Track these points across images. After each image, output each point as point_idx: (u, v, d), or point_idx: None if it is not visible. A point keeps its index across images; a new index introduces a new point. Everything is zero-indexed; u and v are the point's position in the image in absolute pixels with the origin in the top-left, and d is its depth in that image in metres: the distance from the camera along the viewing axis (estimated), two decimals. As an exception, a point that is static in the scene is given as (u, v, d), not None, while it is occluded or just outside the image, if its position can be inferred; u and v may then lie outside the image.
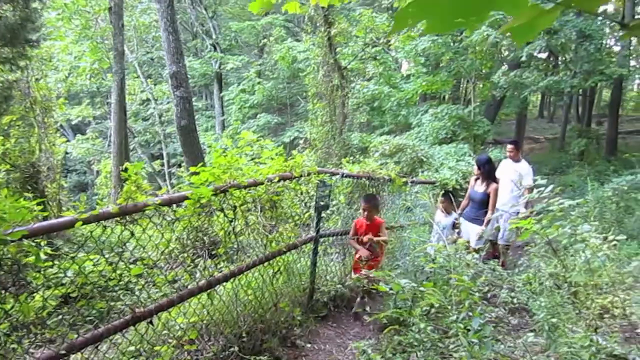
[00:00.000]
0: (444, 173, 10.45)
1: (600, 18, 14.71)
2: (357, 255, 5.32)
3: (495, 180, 6.95)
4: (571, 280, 4.23)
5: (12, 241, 2.13)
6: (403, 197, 7.44)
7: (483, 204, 6.84)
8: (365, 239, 5.18)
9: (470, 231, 6.89)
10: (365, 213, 5.25)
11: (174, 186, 17.73)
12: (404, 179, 7.00)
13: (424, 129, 15.21)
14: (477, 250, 5.80)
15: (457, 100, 20.83)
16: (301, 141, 14.09)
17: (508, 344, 3.92)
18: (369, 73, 17.70)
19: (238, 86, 24.94)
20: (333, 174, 5.68)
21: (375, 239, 5.17)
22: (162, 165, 22.74)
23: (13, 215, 2.13)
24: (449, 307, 3.46)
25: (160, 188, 20.92)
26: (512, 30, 1.00)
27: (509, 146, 7.80)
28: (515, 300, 4.75)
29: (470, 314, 3.30)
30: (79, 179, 27.43)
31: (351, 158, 8.58)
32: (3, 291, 2.38)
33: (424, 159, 10.95)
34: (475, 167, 7.13)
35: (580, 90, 21.29)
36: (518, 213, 6.65)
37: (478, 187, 7.03)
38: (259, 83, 24.19)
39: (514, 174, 7.26)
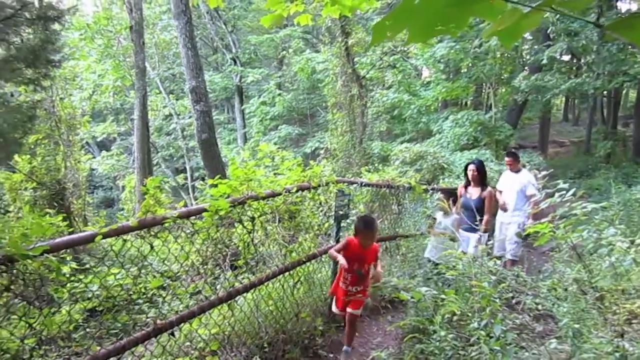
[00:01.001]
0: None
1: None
2: (339, 277, 4.54)
3: (487, 185, 6.69)
4: (596, 286, 4.14)
5: (34, 256, 2.19)
6: (424, 205, 7.39)
7: (480, 211, 6.37)
8: (371, 273, 4.44)
9: (470, 241, 6.37)
10: (359, 239, 4.28)
11: (197, 199, 17.90)
12: (424, 187, 6.97)
13: (445, 136, 15.13)
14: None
15: (478, 105, 20.66)
16: (322, 151, 14.12)
17: (532, 351, 3.86)
18: (388, 81, 17.71)
19: (259, 98, 25.16)
20: (351, 183, 5.68)
21: (376, 271, 4.45)
22: (186, 179, 23.02)
23: (35, 230, 2.19)
24: (470, 315, 3.42)
25: (184, 202, 21.21)
26: (498, 34, 1.00)
27: (507, 158, 7.53)
28: (539, 307, 4.68)
29: (492, 321, 3.26)
30: (105, 195, 27.93)
31: (371, 167, 8.58)
32: (28, 305, 2.44)
33: (445, 166, 10.88)
34: (473, 170, 6.69)
35: (605, 92, 20.97)
36: (524, 225, 6.42)
37: (472, 194, 6.70)
38: (279, 95, 24.38)
39: (516, 185, 7.13)
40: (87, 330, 4.37)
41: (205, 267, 4.24)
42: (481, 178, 6.66)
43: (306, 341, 4.72)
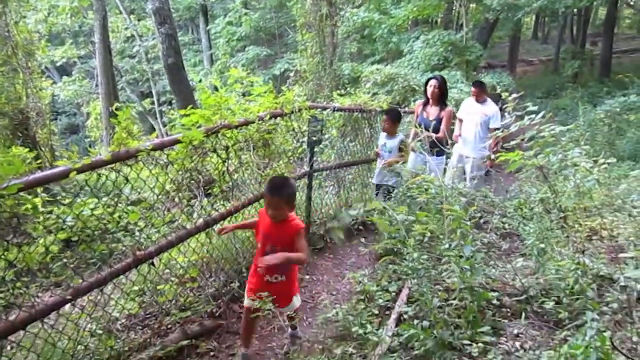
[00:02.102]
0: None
1: None
2: (255, 259, 3.33)
3: (447, 105, 6.20)
4: (561, 205, 4.33)
5: (9, 195, 2.15)
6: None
7: (438, 132, 5.95)
8: (268, 260, 3.01)
9: (433, 166, 5.62)
10: (265, 207, 3.21)
11: (166, 125, 17.59)
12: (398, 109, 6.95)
13: (415, 56, 14.93)
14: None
15: (449, 24, 20.32)
16: (291, 74, 13.85)
17: (500, 269, 4.06)
18: (358, 0, 17.20)
19: (224, 18, 24.23)
20: (324, 108, 5.65)
21: (288, 256, 3.06)
22: (152, 103, 22.48)
23: (7, 169, 2.14)
24: (441, 236, 3.56)
25: (152, 127, 20.84)
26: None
27: (473, 88, 7.06)
28: (506, 226, 4.88)
29: (463, 242, 3.39)
30: (70, 121, 27.15)
31: (342, 90, 8.50)
32: (5, 243, 2.43)
33: (416, 88, 10.83)
34: (434, 86, 6.10)
35: (575, 10, 20.83)
36: (485, 158, 6.31)
37: (430, 113, 6.16)
38: (245, 14, 23.51)
39: (479, 116, 6.72)
40: (65, 261, 4.39)
41: (180, 195, 4.25)
42: (441, 96, 6.14)
43: (282, 264, 4.85)
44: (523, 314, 3.28)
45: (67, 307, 2.95)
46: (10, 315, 2.74)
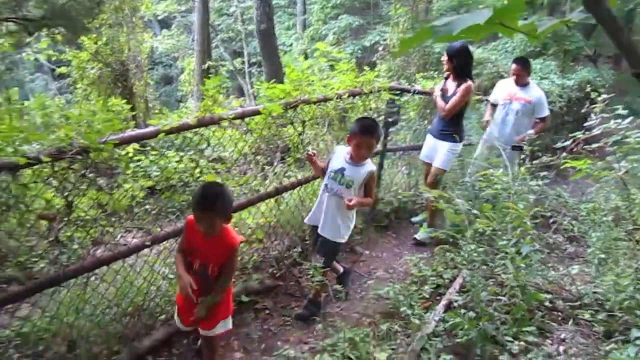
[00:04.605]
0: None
1: None
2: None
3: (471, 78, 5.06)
4: (634, 217, 4.19)
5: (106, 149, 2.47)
6: (477, 115, 7.29)
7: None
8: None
9: (439, 149, 5.16)
10: (204, 225, 2.62)
11: (253, 86, 18.07)
12: (479, 97, 6.84)
13: (511, 40, 14.31)
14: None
15: (556, 6, 19.18)
16: (380, 47, 13.72)
17: (559, 272, 4.04)
18: (457, -24, 16.65)
19: (321, -16, 24.20)
20: (404, 90, 5.68)
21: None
22: (243, 63, 23.05)
23: (106, 127, 2.46)
24: (499, 232, 3.59)
25: (240, 86, 21.40)
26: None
27: (514, 65, 5.75)
28: (575, 229, 4.78)
29: (522, 241, 3.43)
30: (165, 72, 28.42)
31: (431, 69, 8.40)
32: (100, 188, 2.77)
33: (505, 75, 10.48)
34: (445, 57, 5.12)
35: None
36: (521, 149, 5.26)
37: (449, 89, 5.10)
38: (343, -20, 23.35)
39: (519, 102, 5.63)
40: (147, 207, 4.79)
41: (256, 158, 4.52)
42: (456, 69, 5.05)
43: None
44: (573, 320, 3.30)
45: (146, 250, 3.31)
46: (97, 252, 3.14)
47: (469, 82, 4.93)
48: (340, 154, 3.60)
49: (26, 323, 3.03)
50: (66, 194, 2.67)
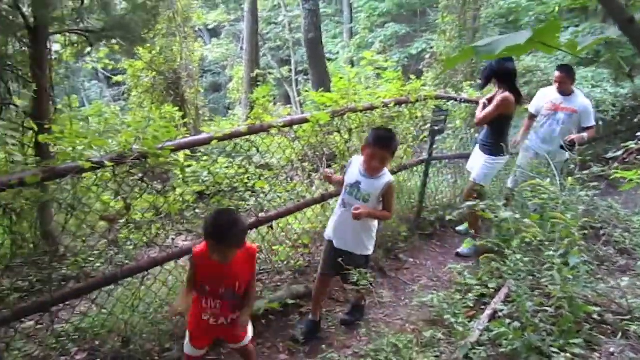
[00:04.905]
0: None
1: None
2: (195, 307, 2.73)
3: (514, 92, 4.77)
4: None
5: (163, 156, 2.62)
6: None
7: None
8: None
9: (478, 161, 5.06)
10: (209, 247, 2.51)
11: (300, 94, 18.31)
12: (526, 106, 6.73)
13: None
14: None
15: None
16: (427, 55, 13.68)
17: (609, 285, 3.94)
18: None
19: (369, -7, 24.30)
20: (450, 99, 5.69)
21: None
22: (290, 71, 23.37)
23: (164, 134, 2.61)
24: (547, 243, 3.55)
25: (286, 93, 21.68)
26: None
27: (557, 73, 5.48)
28: (627, 242, 4.66)
29: (569, 251, 3.38)
30: (214, 80, 29.11)
31: (474, 82, 8.32)
32: (156, 192, 2.92)
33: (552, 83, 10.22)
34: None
35: None
36: (567, 160, 5.01)
37: (492, 98, 4.95)
38: (390, -10, 23.38)
39: (564, 113, 5.36)
40: (197, 211, 4.96)
41: (303, 165, 4.63)
42: (491, 79, 4.89)
43: (389, 244, 5.08)
44: (623, 334, 3.23)
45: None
46: (152, 253, 3.30)
47: (506, 94, 4.68)
48: (355, 165, 3.43)
49: (84, 319, 3.22)
50: (125, 196, 2.84)
